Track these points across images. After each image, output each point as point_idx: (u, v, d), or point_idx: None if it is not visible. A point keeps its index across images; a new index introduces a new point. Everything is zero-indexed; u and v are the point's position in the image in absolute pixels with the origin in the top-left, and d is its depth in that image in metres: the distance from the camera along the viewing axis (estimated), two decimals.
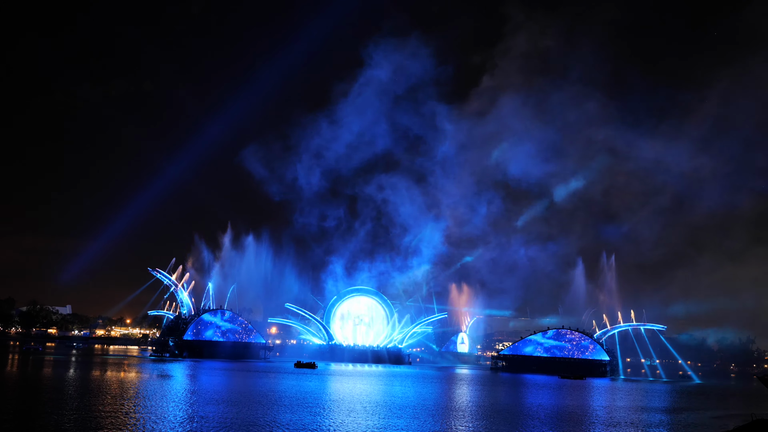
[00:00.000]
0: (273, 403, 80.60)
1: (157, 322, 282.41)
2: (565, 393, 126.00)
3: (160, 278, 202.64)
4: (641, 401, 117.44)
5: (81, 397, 77.74)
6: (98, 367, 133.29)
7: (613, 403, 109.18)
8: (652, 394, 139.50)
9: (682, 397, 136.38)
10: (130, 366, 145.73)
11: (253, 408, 74.98)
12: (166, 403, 76.16)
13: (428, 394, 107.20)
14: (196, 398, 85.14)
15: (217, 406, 75.42)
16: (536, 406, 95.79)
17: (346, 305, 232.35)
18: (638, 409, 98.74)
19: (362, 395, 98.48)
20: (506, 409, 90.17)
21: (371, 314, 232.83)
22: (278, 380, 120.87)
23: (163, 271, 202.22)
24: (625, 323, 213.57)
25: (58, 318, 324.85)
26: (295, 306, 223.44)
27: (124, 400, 76.70)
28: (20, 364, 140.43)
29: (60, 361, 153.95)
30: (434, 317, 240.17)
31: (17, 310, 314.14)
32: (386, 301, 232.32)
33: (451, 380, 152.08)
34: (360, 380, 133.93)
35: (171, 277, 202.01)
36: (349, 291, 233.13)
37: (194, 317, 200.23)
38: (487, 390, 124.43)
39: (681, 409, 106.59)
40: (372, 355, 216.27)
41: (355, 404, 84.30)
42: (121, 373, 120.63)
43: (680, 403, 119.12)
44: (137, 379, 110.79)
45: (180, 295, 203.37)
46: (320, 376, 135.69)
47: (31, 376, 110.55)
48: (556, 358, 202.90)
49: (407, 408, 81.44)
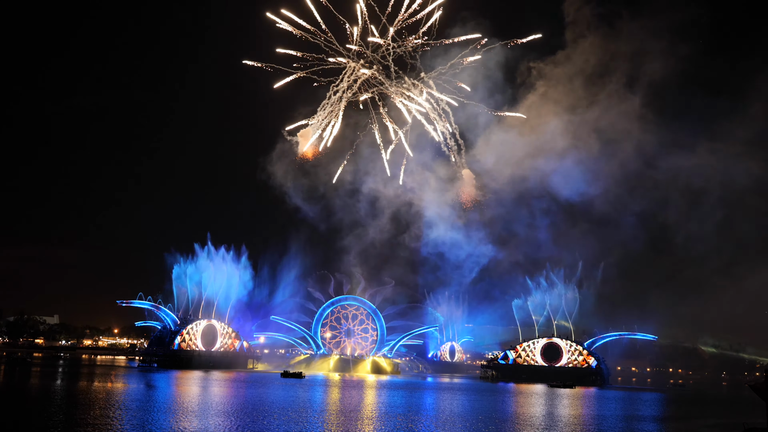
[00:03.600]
0: (261, 413, 79.78)
1: (145, 332, 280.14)
2: (554, 401, 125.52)
3: (136, 305, 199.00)
4: (631, 410, 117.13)
5: (68, 409, 76.69)
6: (85, 378, 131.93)
7: (602, 412, 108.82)
8: (642, 402, 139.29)
9: (673, 405, 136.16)
10: (117, 376, 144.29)
11: (240, 418, 74.16)
12: (153, 415, 75.23)
13: (424, 404, 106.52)
14: (181, 409, 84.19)
15: (202, 418, 74.55)
16: (524, 415, 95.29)
17: (335, 314, 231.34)
18: (628, 418, 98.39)
19: (355, 405, 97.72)
20: (496, 417, 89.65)
21: (359, 323, 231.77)
22: (265, 390, 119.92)
23: (135, 300, 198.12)
24: (616, 332, 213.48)
25: (45, 328, 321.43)
26: (281, 318, 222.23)
27: (112, 410, 75.71)
28: (7, 374, 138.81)
29: (47, 371, 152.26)
30: (424, 328, 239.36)
31: (4, 320, 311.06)
32: (375, 311, 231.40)
33: (443, 389, 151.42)
34: (350, 390, 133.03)
35: (144, 302, 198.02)
36: (338, 299, 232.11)
37: (180, 328, 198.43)
38: (477, 398, 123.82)
39: (672, 417, 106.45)
40: (361, 365, 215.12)
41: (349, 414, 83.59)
42: (108, 384, 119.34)
43: (671, 412, 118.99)
44: (125, 390, 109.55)
45: (161, 313, 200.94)
46: (308, 386, 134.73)
47: (18, 387, 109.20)
48: (546, 366, 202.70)
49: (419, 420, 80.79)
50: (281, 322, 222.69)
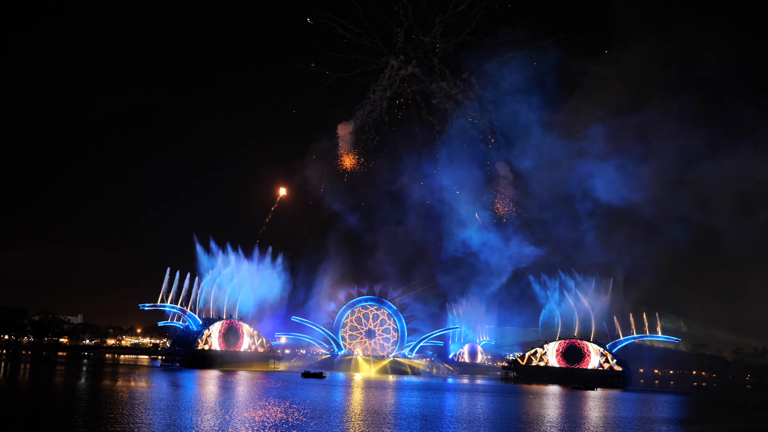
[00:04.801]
0: (284, 412, 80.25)
1: (168, 332, 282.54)
2: (576, 403, 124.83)
3: (159, 308, 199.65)
4: (653, 412, 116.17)
5: (95, 407, 77.72)
6: (109, 377, 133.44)
7: (623, 414, 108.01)
8: (664, 405, 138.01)
9: (696, 408, 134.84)
10: (140, 375, 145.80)
11: (263, 417, 74.72)
12: (181, 413, 76.06)
13: (445, 405, 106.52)
14: (207, 408, 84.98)
15: (225, 416, 75.16)
16: (545, 417, 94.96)
17: (355, 315, 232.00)
18: (649, 421, 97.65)
19: (381, 406, 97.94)
20: (517, 419, 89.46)
21: (380, 324, 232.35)
22: (286, 390, 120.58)
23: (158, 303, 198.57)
24: (638, 334, 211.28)
25: (69, 327, 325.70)
26: (300, 318, 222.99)
27: (139, 409, 76.63)
28: (32, 372, 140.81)
29: (71, 370, 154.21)
30: (445, 329, 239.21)
31: (29, 319, 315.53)
32: (396, 311, 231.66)
33: (463, 391, 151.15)
34: (371, 390, 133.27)
35: (167, 305, 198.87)
36: (359, 300, 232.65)
37: (203, 328, 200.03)
38: (499, 400, 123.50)
39: (694, 420, 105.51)
40: (381, 366, 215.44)
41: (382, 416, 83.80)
42: (131, 383, 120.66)
43: (693, 415, 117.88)
44: (148, 389, 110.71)
45: (185, 315, 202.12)
46: (329, 386, 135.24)
47: (43, 385, 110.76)
48: (567, 368, 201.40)
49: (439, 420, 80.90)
50: (302, 323, 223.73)
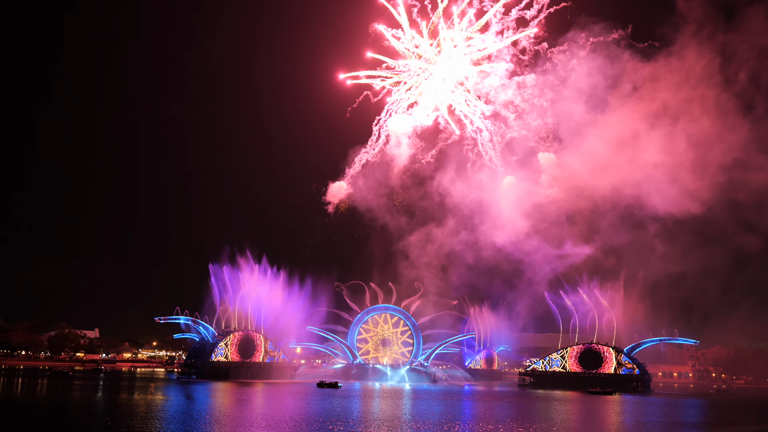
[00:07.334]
0: (304, 423, 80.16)
1: (183, 344, 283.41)
2: (595, 408, 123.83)
3: (174, 321, 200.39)
4: (672, 416, 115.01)
5: (118, 419, 77.96)
6: (126, 390, 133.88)
7: (643, 418, 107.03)
8: (683, 408, 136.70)
9: (715, 411, 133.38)
10: (157, 388, 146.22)
11: (283, 429, 74.65)
12: (199, 425, 76.15)
13: (464, 412, 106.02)
14: (226, 419, 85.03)
15: (247, 428, 75.14)
16: (565, 422, 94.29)
17: (371, 323, 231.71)
18: (668, 424, 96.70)
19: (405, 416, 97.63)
20: (535, 423, 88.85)
21: (395, 332, 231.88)
22: (302, 401, 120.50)
23: (172, 316, 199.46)
24: (656, 337, 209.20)
25: (86, 342, 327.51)
26: (316, 328, 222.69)
27: (156, 423, 76.77)
28: (49, 388, 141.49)
29: (89, 385, 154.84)
30: (461, 336, 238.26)
31: (46, 334, 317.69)
32: (411, 319, 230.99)
33: (481, 398, 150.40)
34: (388, 399, 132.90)
35: (182, 317, 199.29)
36: (374, 308, 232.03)
37: (218, 340, 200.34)
38: (518, 405, 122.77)
39: (713, 423, 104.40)
40: (397, 374, 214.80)
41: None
42: (148, 396, 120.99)
43: (712, 417, 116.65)
44: (165, 402, 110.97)
45: (199, 327, 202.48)
46: (345, 396, 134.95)
47: (61, 400, 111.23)
48: (584, 373, 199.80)
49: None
50: (317, 332, 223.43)
